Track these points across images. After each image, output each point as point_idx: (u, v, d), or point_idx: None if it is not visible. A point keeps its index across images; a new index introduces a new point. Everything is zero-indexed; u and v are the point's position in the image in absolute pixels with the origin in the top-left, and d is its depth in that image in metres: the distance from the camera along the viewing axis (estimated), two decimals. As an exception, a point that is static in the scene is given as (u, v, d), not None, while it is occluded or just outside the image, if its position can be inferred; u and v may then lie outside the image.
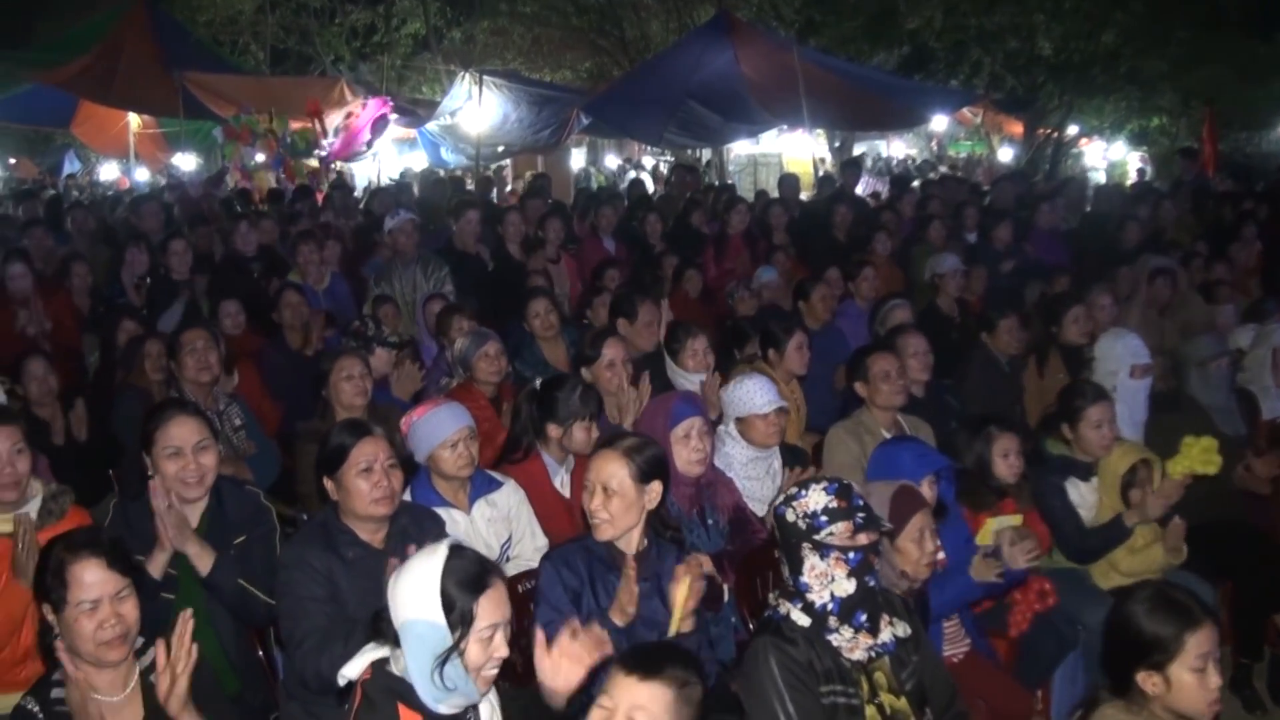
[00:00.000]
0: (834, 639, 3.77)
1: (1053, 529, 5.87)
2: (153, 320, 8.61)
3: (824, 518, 3.79)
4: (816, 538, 3.77)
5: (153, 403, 6.45)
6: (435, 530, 4.54)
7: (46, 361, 6.85)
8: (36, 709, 3.47)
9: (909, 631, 3.94)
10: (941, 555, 4.68)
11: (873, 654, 3.81)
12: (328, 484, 4.38)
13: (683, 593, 3.92)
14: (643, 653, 3.11)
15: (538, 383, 5.79)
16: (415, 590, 3.19)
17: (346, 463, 4.32)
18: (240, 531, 4.69)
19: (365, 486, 4.29)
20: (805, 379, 7.30)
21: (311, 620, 4.11)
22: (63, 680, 3.51)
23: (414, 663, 3.15)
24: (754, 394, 5.75)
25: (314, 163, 18.91)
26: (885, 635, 3.83)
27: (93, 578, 3.48)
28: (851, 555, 3.82)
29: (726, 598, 4.56)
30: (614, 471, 4.18)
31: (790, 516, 3.83)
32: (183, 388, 6.54)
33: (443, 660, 3.12)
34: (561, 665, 3.32)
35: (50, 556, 3.54)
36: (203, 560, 4.42)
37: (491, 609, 3.18)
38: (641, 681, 2.93)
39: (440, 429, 5.06)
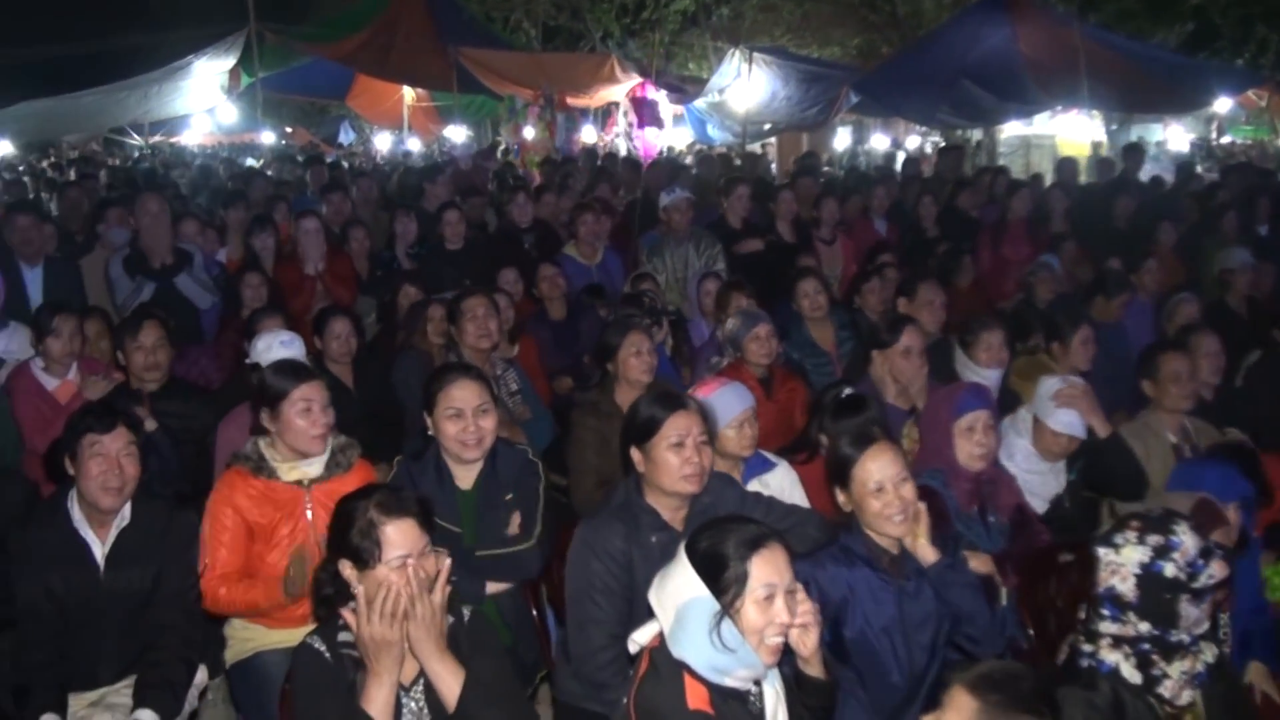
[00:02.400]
0: (1165, 688, 3.53)
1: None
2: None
3: (1201, 561, 3.52)
4: (1196, 585, 3.50)
5: (432, 366, 6.68)
6: (735, 506, 4.42)
7: (350, 322, 7.08)
8: (323, 648, 3.56)
9: (1216, 656, 3.70)
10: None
11: (1195, 685, 3.57)
12: (635, 455, 4.30)
13: None
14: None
15: (845, 393, 5.65)
16: (678, 576, 3.20)
17: (658, 435, 4.23)
18: (509, 489, 4.79)
19: (675, 461, 4.19)
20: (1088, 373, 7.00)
21: (600, 611, 4.10)
22: (350, 624, 3.57)
23: (691, 637, 3.14)
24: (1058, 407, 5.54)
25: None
26: (1198, 665, 3.60)
27: (404, 536, 3.54)
28: (1216, 593, 3.60)
29: (1004, 600, 4.40)
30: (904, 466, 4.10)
31: (1170, 571, 3.52)
32: (462, 352, 6.67)
33: (719, 619, 3.10)
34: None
35: (356, 515, 3.60)
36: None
37: (768, 570, 3.16)
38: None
39: (728, 408, 5.02)
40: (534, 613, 5.01)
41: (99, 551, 4.52)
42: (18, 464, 6.09)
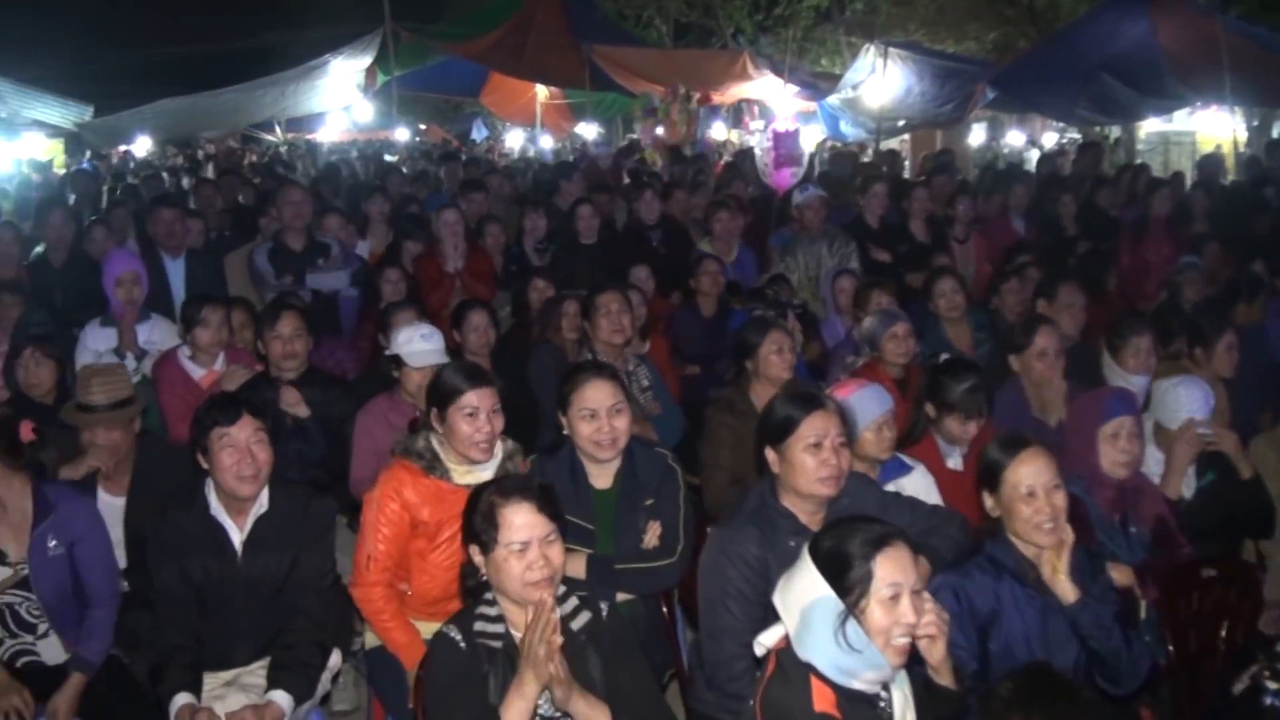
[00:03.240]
0: None
1: None
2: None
3: None
4: None
5: (565, 360, 6.80)
6: (875, 508, 4.30)
7: (488, 315, 7.15)
8: (458, 637, 3.61)
9: None
10: None
11: None
12: (770, 456, 4.22)
13: None
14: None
15: (942, 358, 5.62)
16: (802, 576, 3.16)
17: (794, 435, 4.13)
18: (649, 494, 4.76)
19: (812, 463, 4.09)
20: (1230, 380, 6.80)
21: (734, 620, 4.03)
22: (485, 614, 3.64)
23: (817, 638, 3.10)
24: (1181, 405, 5.39)
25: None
26: None
27: (522, 520, 3.58)
28: None
29: (1145, 614, 4.29)
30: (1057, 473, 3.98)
31: None
32: (595, 348, 6.72)
33: (844, 619, 3.05)
34: None
35: (481, 500, 3.66)
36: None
37: (892, 569, 3.10)
38: None
39: (868, 410, 4.94)
40: (664, 610, 5.00)
41: (237, 538, 4.61)
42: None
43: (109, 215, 10.85)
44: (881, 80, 16.86)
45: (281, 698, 4.39)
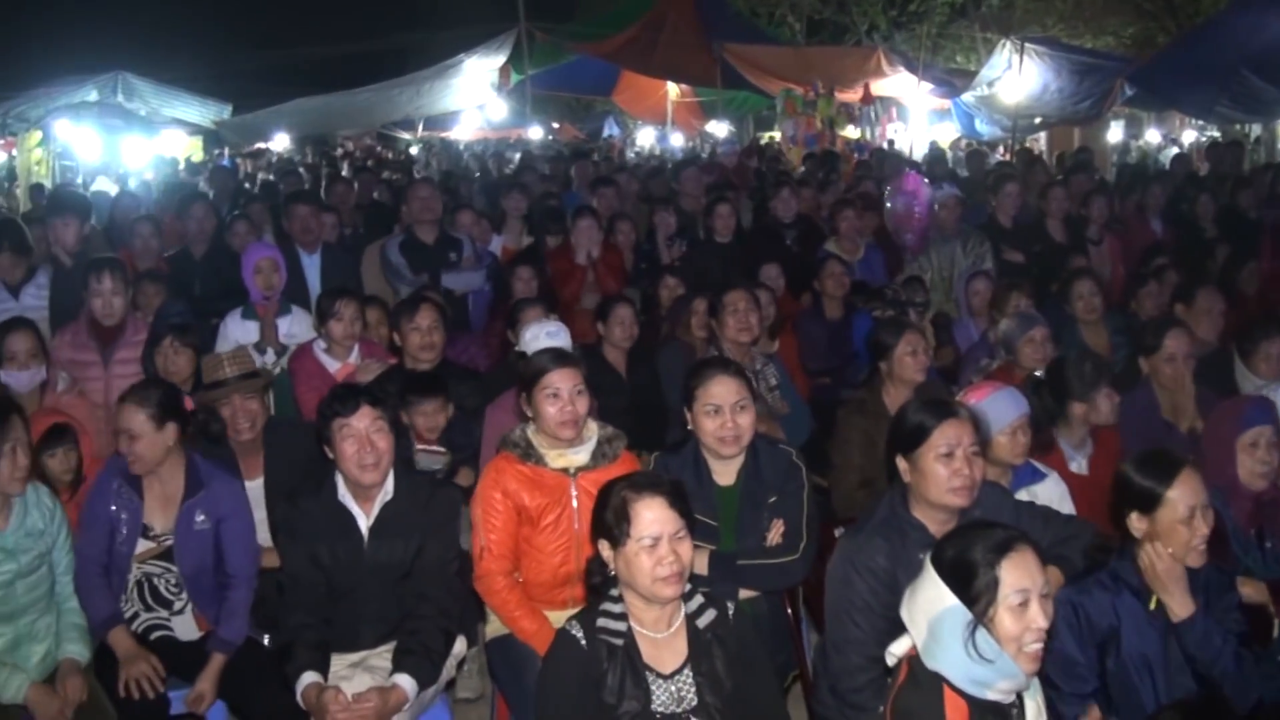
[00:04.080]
0: None
1: None
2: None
3: None
4: None
5: (694, 357, 6.76)
6: (1009, 520, 4.11)
7: (633, 310, 7.28)
8: (579, 634, 3.63)
9: None
10: None
11: None
12: (900, 463, 4.15)
13: None
14: None
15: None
16: (927, 588, 3.13)
17: (925, 444, 4.05)
18: (772, 491, 4.76)
19: (944, 473, 4.00)
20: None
21: (859, 631, 3.98)
22: (609, 611, 3.65)
23: (946, 650, 3.05)
24: None
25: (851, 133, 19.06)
26: None
27: (654, 515, 3.57)
28: None
29: (1277, 633, 4.16)
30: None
31: None
32: (722, 346, 6.71)
33: (973, 629, 3.01)
34: None
35: (612, 494, 3.67)
36: None
37: (1019, 574, 3.04)
38: None
39: (1003, 414, 4.82)
40: (788, 611, 4.99)
41: (364, 524, 4.69)
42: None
43: (248, 209, 11.07)
44: (1017, 77, 16.66)
45: (406, 682, 4.45)
